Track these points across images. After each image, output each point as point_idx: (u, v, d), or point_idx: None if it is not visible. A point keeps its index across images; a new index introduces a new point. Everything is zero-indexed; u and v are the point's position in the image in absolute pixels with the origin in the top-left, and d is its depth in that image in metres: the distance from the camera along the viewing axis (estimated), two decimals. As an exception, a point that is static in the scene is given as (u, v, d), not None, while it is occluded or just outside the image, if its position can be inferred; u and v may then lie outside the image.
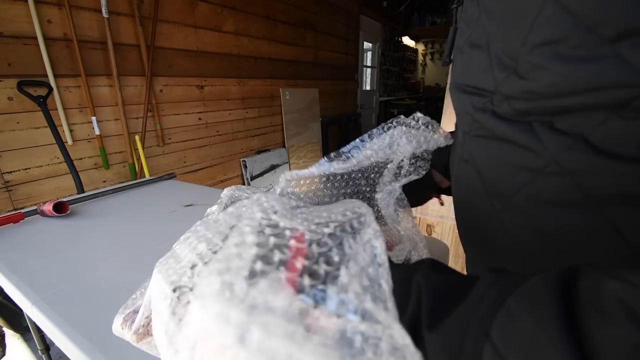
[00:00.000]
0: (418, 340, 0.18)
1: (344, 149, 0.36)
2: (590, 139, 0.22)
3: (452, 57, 0.38)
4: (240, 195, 0.49)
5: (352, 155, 0.35)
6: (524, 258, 0.29)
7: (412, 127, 0.37)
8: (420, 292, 0.19)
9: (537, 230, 0.27)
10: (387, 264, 0.19)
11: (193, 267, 0.21)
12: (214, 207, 0.50)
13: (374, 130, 0.38)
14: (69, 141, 1.60)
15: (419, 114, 0.38)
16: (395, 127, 0.37)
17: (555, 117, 0.23)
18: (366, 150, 0.36)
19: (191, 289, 0.20)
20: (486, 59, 0.27)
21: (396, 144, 0.36)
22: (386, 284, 0.18)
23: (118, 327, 0.32)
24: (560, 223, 0.25)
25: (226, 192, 0.52)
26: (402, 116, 0.39)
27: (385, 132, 0.37)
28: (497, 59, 0.26)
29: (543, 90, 0.23)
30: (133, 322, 0.30)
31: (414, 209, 0.44)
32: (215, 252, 0.21)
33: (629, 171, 0.20)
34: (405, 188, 0.38)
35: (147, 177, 1.57)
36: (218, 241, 0.22)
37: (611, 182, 0.21)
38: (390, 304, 0.18)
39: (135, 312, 0.31)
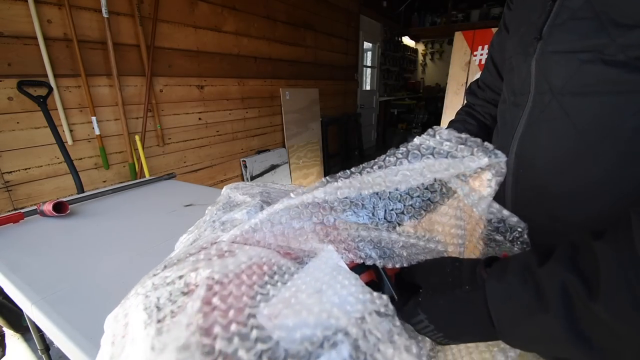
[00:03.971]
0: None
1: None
2: None
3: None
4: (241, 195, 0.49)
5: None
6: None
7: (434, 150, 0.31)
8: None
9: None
10: None
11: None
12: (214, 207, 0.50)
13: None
14: (69, 141, 1.60)
15: (439, 128, 0.32)
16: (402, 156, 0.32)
17: None
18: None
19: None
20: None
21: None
22: None
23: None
24: None
25: (226, 191, 0.52)
26: (417, 138, 0.33)
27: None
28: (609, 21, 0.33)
29: None
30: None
31: None
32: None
33: None
34: None
35: (147, 177, 1.57)
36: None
37: None
38: None
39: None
